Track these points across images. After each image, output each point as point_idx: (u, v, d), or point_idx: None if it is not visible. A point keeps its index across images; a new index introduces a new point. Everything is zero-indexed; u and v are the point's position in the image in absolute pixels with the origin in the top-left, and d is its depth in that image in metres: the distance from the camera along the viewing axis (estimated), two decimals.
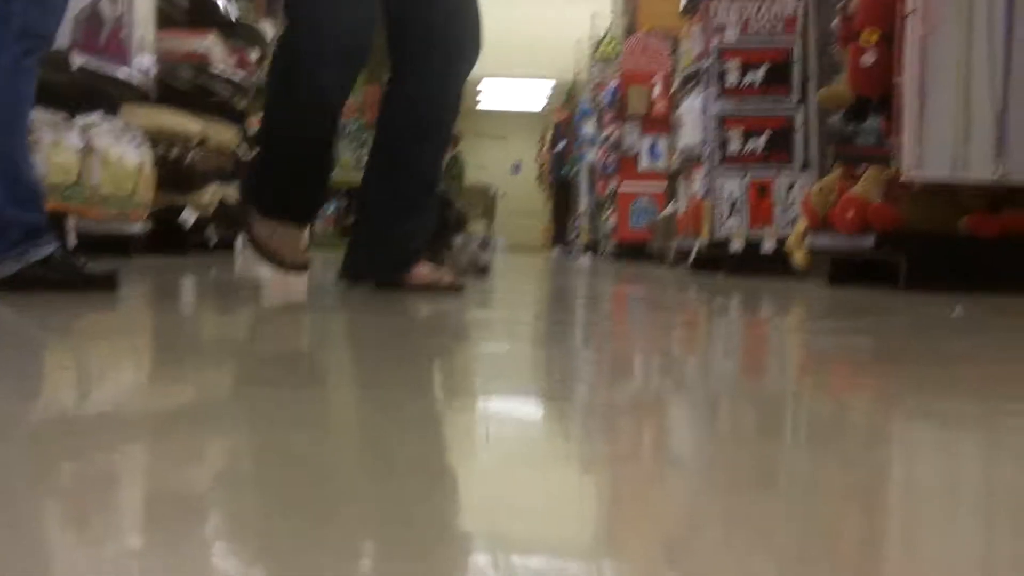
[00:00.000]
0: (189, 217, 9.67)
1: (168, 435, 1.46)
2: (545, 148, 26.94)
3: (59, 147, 6.89)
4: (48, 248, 3.84)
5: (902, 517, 1.20)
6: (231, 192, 10.40)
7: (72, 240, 6.81)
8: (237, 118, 11.29)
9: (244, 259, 9.45)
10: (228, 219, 10.29)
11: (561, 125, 24.32)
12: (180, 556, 0.93)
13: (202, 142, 9.93)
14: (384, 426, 1.57)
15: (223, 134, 10.46)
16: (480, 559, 0.93)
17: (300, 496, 1.16)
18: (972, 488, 1.35)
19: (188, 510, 1.09)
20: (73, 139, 7.07)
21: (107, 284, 3.94)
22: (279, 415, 1.68)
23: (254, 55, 11.47)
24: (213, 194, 10.03)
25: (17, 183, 3.82)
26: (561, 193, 24.07)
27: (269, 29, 13.24)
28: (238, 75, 10.82)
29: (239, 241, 11.26)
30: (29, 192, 3.86)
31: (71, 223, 6.85)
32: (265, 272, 4.94)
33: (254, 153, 4.95)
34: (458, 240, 7.14)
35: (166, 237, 9.16)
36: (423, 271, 4.57)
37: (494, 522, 1.05)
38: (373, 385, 2.08)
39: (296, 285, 4.84)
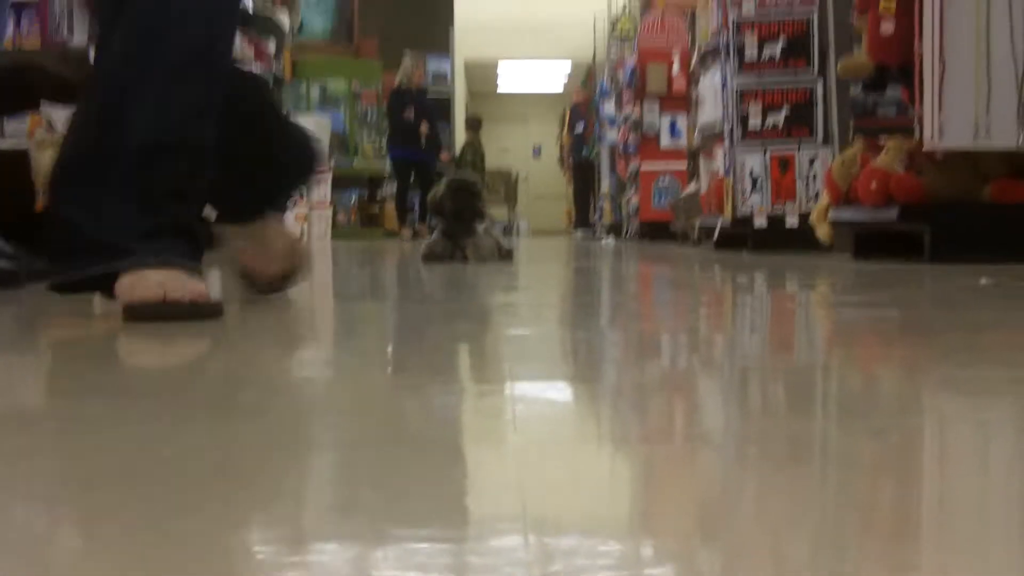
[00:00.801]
0: (211, 212, 9.69)
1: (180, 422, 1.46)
2: (564, 130, 26.89)
3: None
4: None
5: (935, 488, 1.20)
6: None
7: None
8: None
9: None
10: None
11: (580, 106, 24.28)
12: (215, 536, 0.93)
13: None
14: (411, 409, 1.57)
15: None
16: (511, 539, 0.93)
17: (327, 479, 1.17)
18: (1004, 456, 1.34)
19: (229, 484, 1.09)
20: None
21: (9, 282, 4.11)
22: (305, 401, 1.69)
23: (271, 46, 11.49)
24: None
25: None
26: (582, 175, 24.03)
27: (285, 20, 13.24)
28: (256, 67, 10.83)
29: None
30: None
31: None
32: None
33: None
34: (481, 227, 7.13)
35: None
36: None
37: (525, 502, 1.05)
38: (399, 369, 2.08)
39: None
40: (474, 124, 21.26)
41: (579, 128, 24.02)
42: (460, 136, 23.94)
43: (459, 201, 6.99)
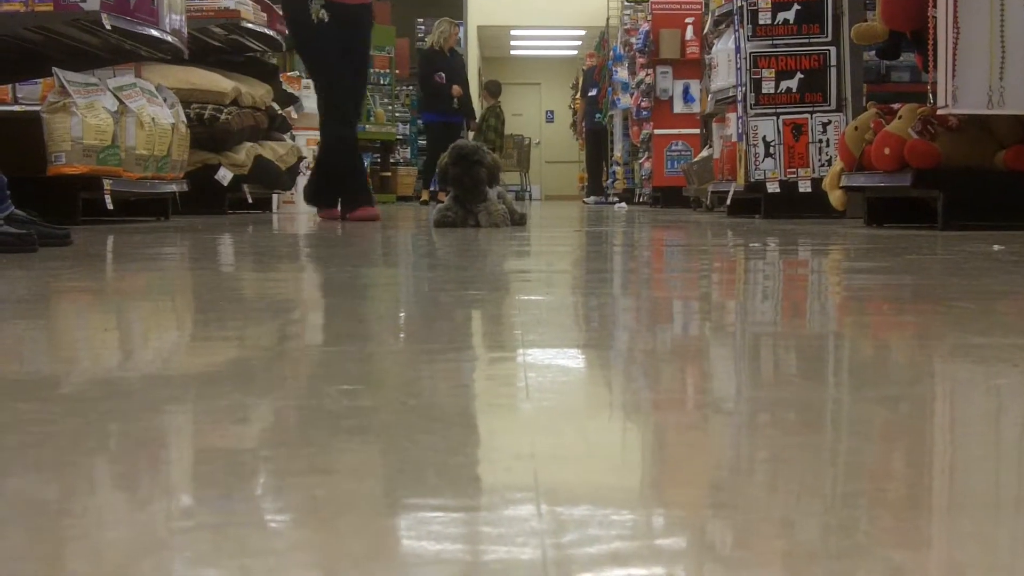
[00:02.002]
0: (226, 175, 9.70)
1: (213, 394, 1.47)
2: (577, 95, 26.78)
3: (93, 110, 6.91)
4: None
5: (947, 456, 1.20)
6: (266, 150, 10.41)
7: (108, 202, 6.84)
8: (270, 74, 11.28)
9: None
10: (265, 176, 10.30)
11: (593, 71, 24.19)
12: (229, 509, 0.94)
13: (235, 101, 9.94)
14: (423, 377, 1.58)
15: (256, 91, 10.46)
16: (524, 509, 0.93)
17: (339, 448, 1.17)
18: (1016, 424, 1.34)
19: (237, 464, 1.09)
20: (107, 101, 7.09)
21: (24, 246, 4.14)
22: (317, 369, 1.69)
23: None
24: (248, 152, 10.04)
25: None
26: (595, 140, 23.96)
27: None
28: (269, 31, 10.80)
29: (275, 199, 11.33)
30: None
31: (107, 185, 6.88)
32: None
33: None
34: (493, 192, 7.12)
35: (204, 196, 9.20)
36: None
37: (537, 471, 1.06)
38: (411, 337, 2.08)
39: None
40: (494, 90, 21.17)
41: (592, 93, 23.93)
42: (476, 101, 23.83)
43: (461, 167, 6.98)
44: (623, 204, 17.47)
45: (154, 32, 7.41)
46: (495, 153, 7.38)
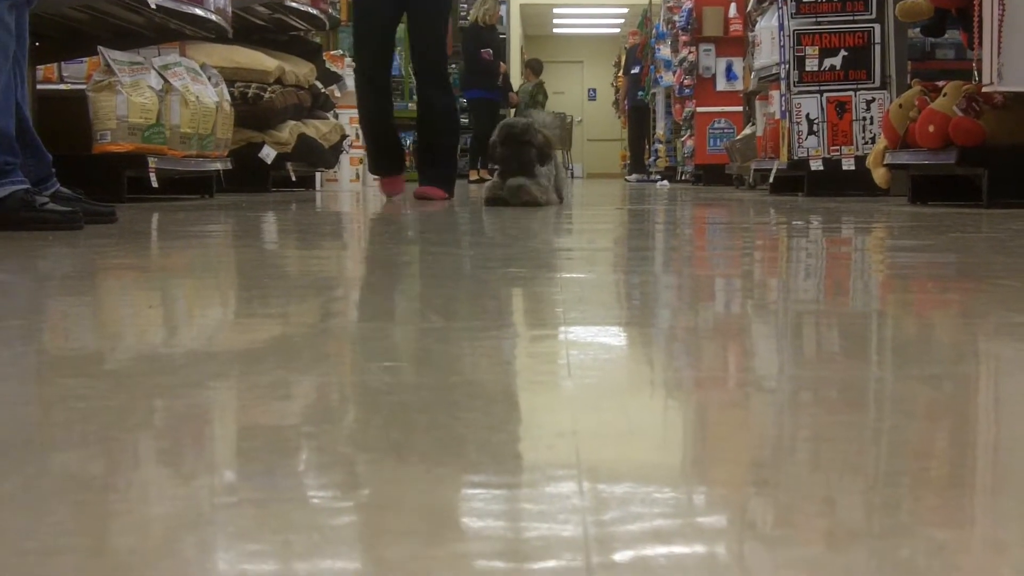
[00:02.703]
0: (270, 153, 9.72)
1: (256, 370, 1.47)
2: (620, 72, 26.69)
3: (138, 88, 6.94)
4: (7, 189, 4.05)
5: (990, 435, 1.19)
6: (309, 128, 10.44)
7: (153, 180, 6.87)
8: (313, 53, 11.30)
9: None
10: (308, 155, 10.32)
11: (636, 49, 24.11)
12: (271, 481, 0.94)
13: (278, 79, 9.96)
14: (465, 354, 1.58)
15: (300, 69, 10.48)
16: (565, 486, 0.93)
17: (381, 424, 1.17)
18: None
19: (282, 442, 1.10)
20: (152, 80, 7.11)
21: (70, 224, 4.15)
22: (363, 348, 1.70)
23: None
24: (291, 130, 10.06)
25: None
26: (638, 118, 23.90)
27: None
28: (312, 10, 10.82)
29: (318, 177, 11.34)
30: None
31: (152, 163, 6.91)
32: None
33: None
34: (544, 170, 7.07)
35: (248, 175, 9.23)
36: None
37: (579, 449, 1.06)
38: (454, 314, 2.09)
39: None
40: (537, 68, 21.20)
41: (635, 71, 23.86)
42: (515, 79, 23.80)
43: (510, 147, 6.94)
44: (665, 182, 17.42)
45: (198, 11, 7.43)
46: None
